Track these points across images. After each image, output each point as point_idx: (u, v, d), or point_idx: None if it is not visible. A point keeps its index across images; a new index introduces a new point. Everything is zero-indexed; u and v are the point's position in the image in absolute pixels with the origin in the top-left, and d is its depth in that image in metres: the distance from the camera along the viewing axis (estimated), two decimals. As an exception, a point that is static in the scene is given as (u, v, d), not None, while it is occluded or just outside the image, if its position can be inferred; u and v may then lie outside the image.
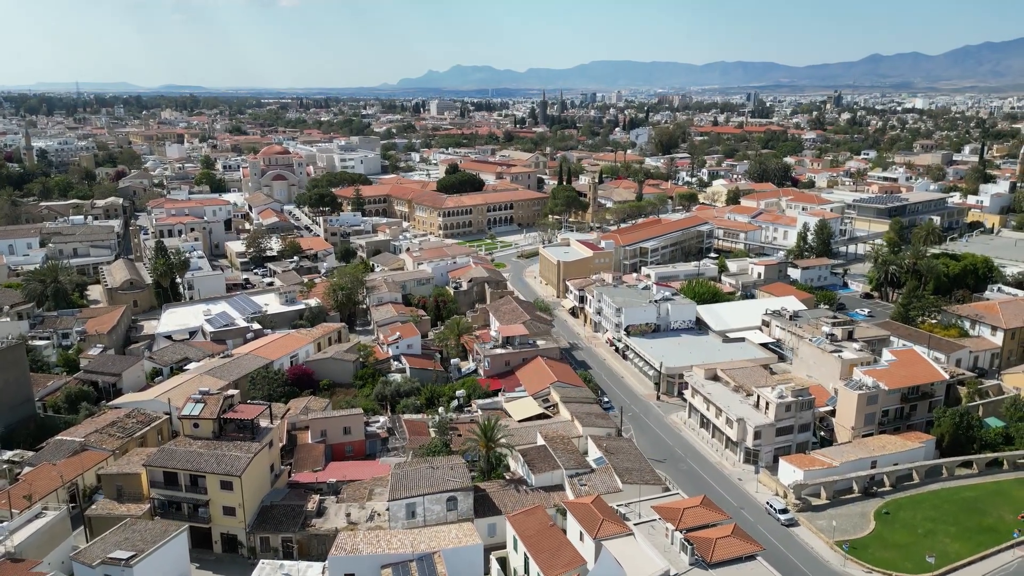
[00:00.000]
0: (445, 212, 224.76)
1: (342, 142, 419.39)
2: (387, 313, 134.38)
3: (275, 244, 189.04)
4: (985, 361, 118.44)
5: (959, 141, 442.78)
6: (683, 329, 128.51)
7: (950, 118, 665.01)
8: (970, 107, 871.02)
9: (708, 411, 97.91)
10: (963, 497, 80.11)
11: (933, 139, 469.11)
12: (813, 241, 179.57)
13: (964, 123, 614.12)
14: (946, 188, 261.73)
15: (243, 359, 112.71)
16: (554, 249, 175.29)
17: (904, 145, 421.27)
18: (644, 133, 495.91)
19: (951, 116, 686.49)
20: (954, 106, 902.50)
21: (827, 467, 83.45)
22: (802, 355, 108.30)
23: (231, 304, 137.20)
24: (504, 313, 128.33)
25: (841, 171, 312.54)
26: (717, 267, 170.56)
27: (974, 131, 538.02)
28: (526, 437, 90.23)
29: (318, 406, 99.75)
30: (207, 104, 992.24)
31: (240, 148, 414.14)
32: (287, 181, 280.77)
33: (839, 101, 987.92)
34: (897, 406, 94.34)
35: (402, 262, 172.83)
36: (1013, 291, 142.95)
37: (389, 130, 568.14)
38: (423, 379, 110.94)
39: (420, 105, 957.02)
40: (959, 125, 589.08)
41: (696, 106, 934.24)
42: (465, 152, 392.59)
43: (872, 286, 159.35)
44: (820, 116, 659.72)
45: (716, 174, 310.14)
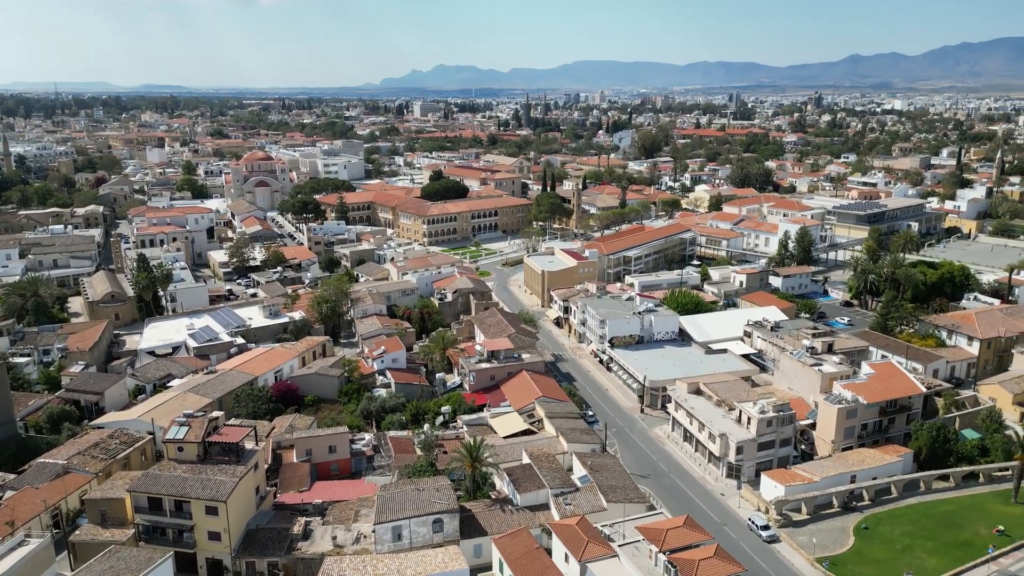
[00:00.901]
0: (430, 220, 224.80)
1: (325, 146, 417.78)
2: (372, 326, 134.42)
3: (258, 254, 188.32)
4: (962, 371, 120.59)
5: (937, 144, 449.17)
6: (666, 340, 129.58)
7: (928, 120, 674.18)
8: (948, 108, 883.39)
9: (691, 425, 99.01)
10: (940, 511, 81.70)
11: (912, 142, 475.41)
12: (794, 249, 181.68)
13: (942, 125, 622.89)
14: (924, 193, 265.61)
15: (227, 375, 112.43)
16: (539, 258, 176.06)
17: (883, 149, 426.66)
18: (627, 136, 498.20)
19: (929, 118, 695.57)
20: (932, 107, 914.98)
21: (808, 482, 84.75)
22: (783, 368, 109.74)
23: (214, 318, 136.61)
24: (489, 326, 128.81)
25: (822, 175, 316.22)
26: (700, 276, 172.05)
27: (952, 133, 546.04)
28: (511, 454, 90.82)
29: (303, 424, 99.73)
30: (188, 105, 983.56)
31: (222, 152, 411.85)
32: (270, 188, 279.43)
33: (820, 102, 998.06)
34: (876, 419, 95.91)
35: (387, 272, 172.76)
36: (989, 300, 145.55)
37: (372, 132, 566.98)
38: (408, 394, 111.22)
39: (403, 106, 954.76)
40: (937, 127, 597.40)
41: (679, 107, 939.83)
42: (449, 157, 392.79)
43: (852, 294, 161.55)
44: (801, 118, 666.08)
45: (699, 179, 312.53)
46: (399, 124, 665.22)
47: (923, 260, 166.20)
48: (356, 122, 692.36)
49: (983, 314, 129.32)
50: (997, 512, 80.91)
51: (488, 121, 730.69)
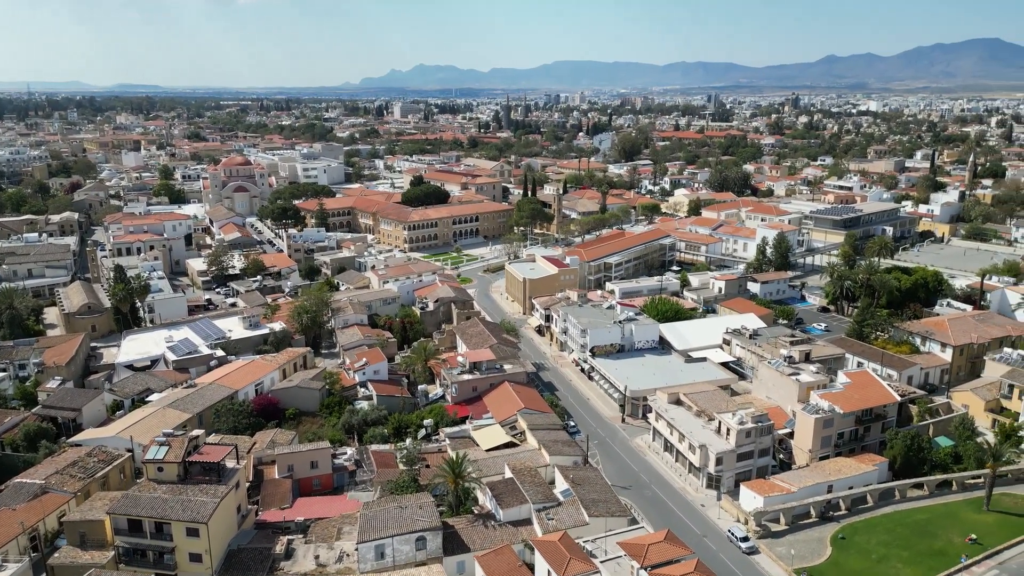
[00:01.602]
0: (410, 226, 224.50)
1: (304, 149, 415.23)
2: (353, 336, 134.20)
3: (237, 262, 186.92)
4: (935, 377, 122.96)
5: (911, 146, 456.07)
6: (647, 349, 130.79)
7: (903, 121, 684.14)
8: (922, 109, 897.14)
9: (672, 436, 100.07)
10: (915, 520, 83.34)
11: (887, 144, 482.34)
12: (772, 254, 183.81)
13: (916, 126, 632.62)
14: (898, 197, 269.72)
15: (207, 389, 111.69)
16: (520, 266, 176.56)
17: (859, 151, 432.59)
18: (607, 138, 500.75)
19: (903, 119, 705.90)
20: (907, 108, 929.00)
21: (786, 493, 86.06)
22: (761, 377, 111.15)
23: (193, 329, 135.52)
24: (471, 336, 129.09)
25: (799, 179, 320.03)
26: (679, 282, 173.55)
27: (926, 135, 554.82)
28: (494, 468, 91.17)
29: (284, 439, 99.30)
30: (164, 106, 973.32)
31: (200, 156, 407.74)
32: (249, 193, 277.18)
33: (797, 103, 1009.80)
34: (852, 428, 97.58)
35: (367, 280, 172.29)
36: (961, 306, 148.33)
37: (352, 135, 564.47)
38: (390, 406, 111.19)
39: (383, 108, 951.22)
40: (911, 129, 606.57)
41: (658, 108, 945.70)
42: (430, 160, 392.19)
43: (828, 300, 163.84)
44: (779, 120, 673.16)
45: (678, 182, 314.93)
46: (379, 126, 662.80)
47: (897, 266, 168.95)
48: (335, 124, 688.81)
49: (956, 320, 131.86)
50: (970, 520, 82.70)
51: (468, 123, 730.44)
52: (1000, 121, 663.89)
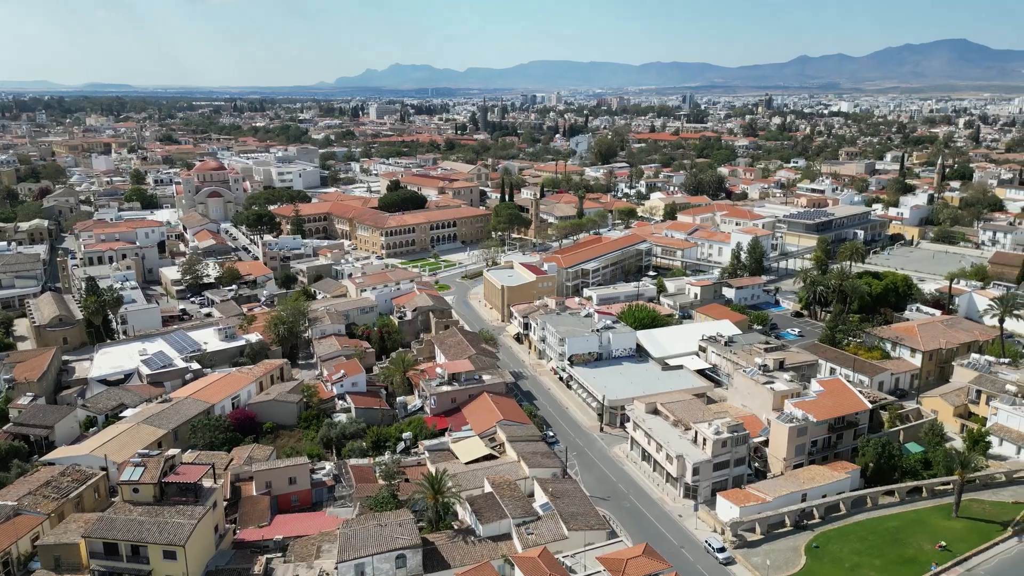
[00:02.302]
0: (388, 232, 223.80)
1: (279, 153, 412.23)
2: (331, 347, 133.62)
3: (212, 270, 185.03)
4: (905, 383, 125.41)
5: (881, 148, 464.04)
6: (624, 357, 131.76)
7: (873, 123, 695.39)
8: (892, 110, 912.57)
9: (649, 445, 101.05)
10: (886, 527, 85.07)
11: (857, 146, 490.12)
12: (746, 260, 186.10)
13: (886, 127, 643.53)
14: (869, 200, 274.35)
15: (182, 404, 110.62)
16: (498, 272, 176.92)
17: (830, 154, 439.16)
18: (584, 141, 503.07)
19: (874, 121, 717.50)
20: (877, 109, 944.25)
21: (761, 502, 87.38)
22: (737, 385, 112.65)
23: (168, 341, 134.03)
24: (449, 346, 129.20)
25: (772, 182, 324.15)
26: (656, 288, 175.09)
27: (895, 136, 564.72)
28: (473, 481, 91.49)
29: (262, 455, 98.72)
30: (135, 107, 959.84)
31: (172, 159, 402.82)
32: (223, 198, 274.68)
33: (770, 104, 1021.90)
34: (825, 436, 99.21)
35: (344, 288, 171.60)
36: (930, 311, 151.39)
37: (327, 137, 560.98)
38: (369, 419, 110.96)
39: (359, 108, 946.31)
40: (882, 130, 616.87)
41: (634, 109, 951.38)
42: (406, 163, 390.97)
43: (802, 305, 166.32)
44: (753, 122, 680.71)
45: (654, 186, 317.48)
46: (355, 127, 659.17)
47: (868, 271, 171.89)
48: (311, 125, 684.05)
49: (925, 326, 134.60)
50: (939, 527, 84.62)
51: (445, 124, 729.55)
52: (968, 122, 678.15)
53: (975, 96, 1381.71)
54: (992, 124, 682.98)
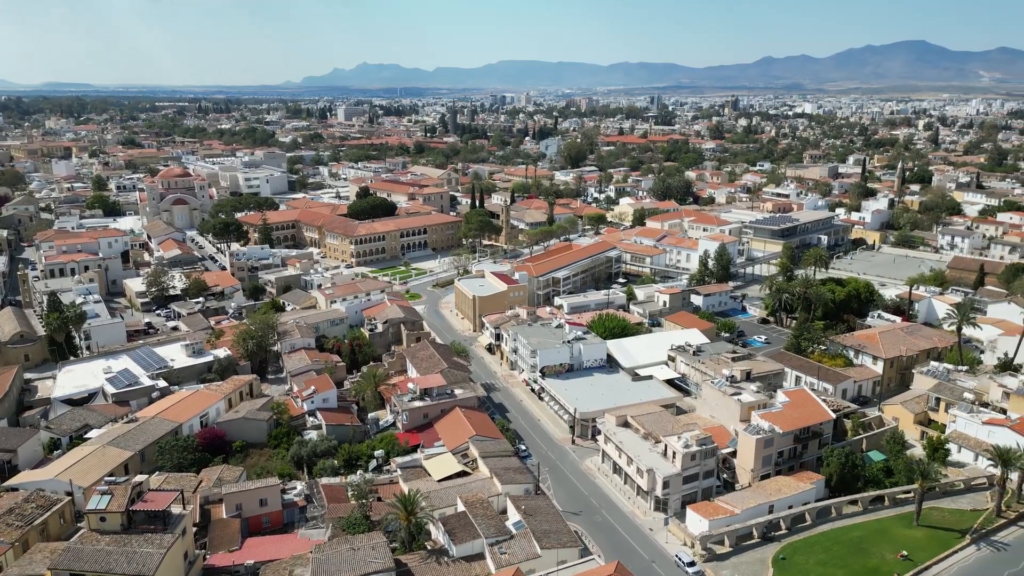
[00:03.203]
0: (357, 240, 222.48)
1: (246, 157, 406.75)
2: (300, 361, 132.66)
3: (178, 282, 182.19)
4: (868, 389, 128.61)
5: (844, 151, 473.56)
6: (595, 368, 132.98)
7: (836, 125, 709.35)
8: (854, 112, 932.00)
9: (620, 459, 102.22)
10: (850, 537, 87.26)
11: (821, 148, 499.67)
12: (714, 266, 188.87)
13: (848, 130, 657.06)
14: (832, 204, 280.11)
15: (149, 423, 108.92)
16: (469, 282, 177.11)
17: (795, 157, 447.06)
18: (554, 144, 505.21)
19: (837, 123, 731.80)
20: (839, 110, 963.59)
21: (730, 515, 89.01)
22: (705, 396, 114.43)
23: (133, 358, 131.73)
24: (421, 360, 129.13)
25: (739, 186, 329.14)
26: (625, 295, 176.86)
27: (857, 138, 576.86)
28: (446, 499, 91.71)
29: (232, 476, 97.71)
30: (95, 107, 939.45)
31: (135, 164, 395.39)
32: (188, 205, 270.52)
33: (736, 105, 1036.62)
34: (791, 446, 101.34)
35: (314, 300, 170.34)
36: (891, 317, 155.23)
37: (295, 140, 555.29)
38: (340, 435, 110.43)
39: (327, 110, 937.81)
40: (844, 132, 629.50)
41: (603, 111, 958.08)
42: (375, 168, 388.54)
43: (768, 312, 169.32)
44: (719, 124, 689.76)
45: (623, 190, 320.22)
46: (323, 130, 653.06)
47: (832, 277, 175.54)
48: (277, 127, 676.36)
49: (886, 333, 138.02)
50: (901, 536, 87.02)
51: (415, 126, 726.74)
52: (927, 124, 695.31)
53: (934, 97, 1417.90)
54: (951, 126, 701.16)
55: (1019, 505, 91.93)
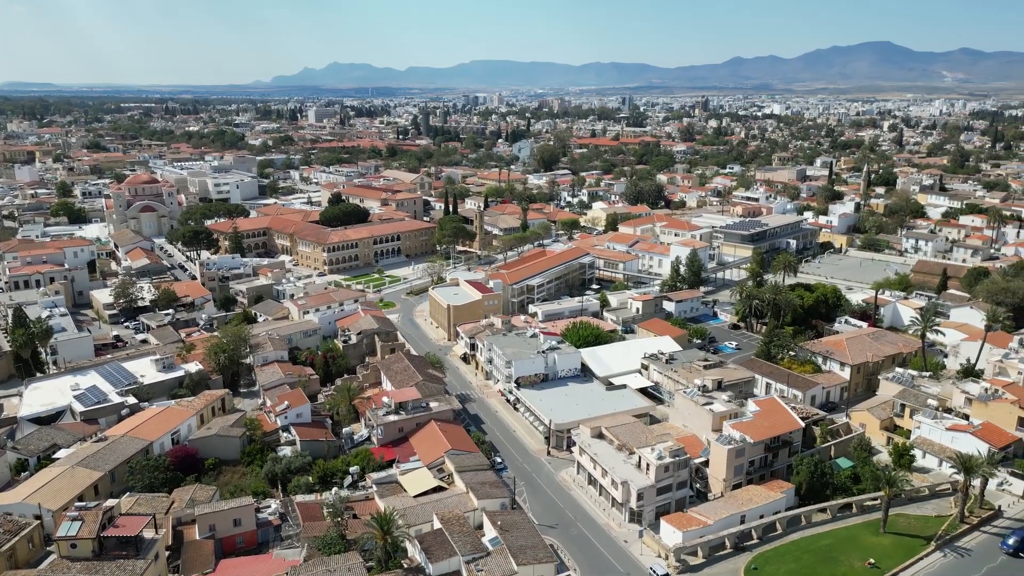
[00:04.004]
0: (330, 247, 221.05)
1: (215, 161, 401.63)
2: (273, 375, 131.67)
3: (147, 293, 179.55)
4: (836, 395, 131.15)
5: (812, 153, 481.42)
6: (570, 377, 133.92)
7: (804, 126, 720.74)
8: (821, 112, 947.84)
9: (595, 470, 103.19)
10: (820, 546, 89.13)
11: (789, 150, 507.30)
12: (685, 272, 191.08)
13: (816, 131, 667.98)
14: (801, 208, 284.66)
15: (119, 442, 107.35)
16: (443, 291, 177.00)
17: (764, 159, 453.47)
18: (527, 146, 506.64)
19: (804, 124, 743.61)
20: (807, 111, 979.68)
21: (703, 526, 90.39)
22: (678, 406, 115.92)
23: (101, 374, 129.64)
24: (396, 372, 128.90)
25: (709, 189, 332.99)
26: (599, 302, 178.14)
27: (824, 140, 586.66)
28: (422, 516, 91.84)
29: (204, 496, 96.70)
30: (59, 108, 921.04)
31: (101, 169, 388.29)
32: (156, 213, 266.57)
33: (707, 106, 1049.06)
34: (762, 455, 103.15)
35: (286, 310, 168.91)
36: (857, 323, 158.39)
37: (265, 142, 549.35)
38: (315, 451, 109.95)
39: (297, 111, 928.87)
40: (812, 134, 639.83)
41: (575, 112, 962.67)
42: (347, 172, 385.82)
43: (739, 317, 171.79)
44: (690, 126, 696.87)
45: (596, 194, 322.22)
46: (293, 132, 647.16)
47: (801, 283, 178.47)
48: (247, 130, 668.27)
49: (853, 340, 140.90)
50: (869, 543, 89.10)
51: (387, 128, 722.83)
52: (892, 125, 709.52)
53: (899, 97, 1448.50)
54: (914, 127, 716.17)
55: (981, 511, 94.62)
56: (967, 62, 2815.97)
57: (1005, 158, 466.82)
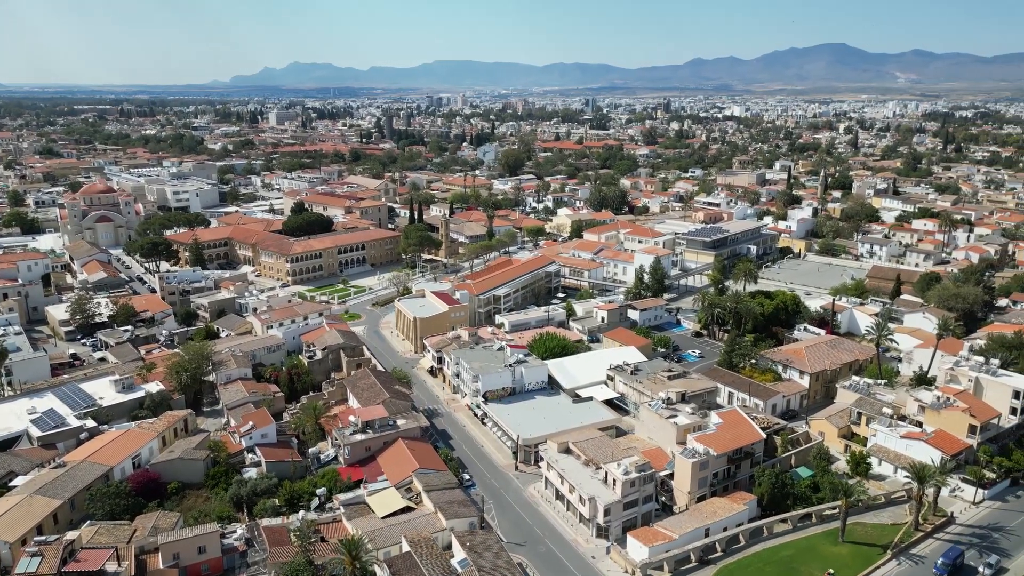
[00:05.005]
0: (293, 258, 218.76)
1: (173, 168, 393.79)
2: (237, 393, 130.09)
3: (105, 308, 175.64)
4: (796, 403, 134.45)
5: (771, 156, 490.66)
6: (537, 390, 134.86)
7: (763, 128, 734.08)
8: (779, 114, 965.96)
9: (562, 486, 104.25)
10: (781, 557, 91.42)
11: (749, 153, 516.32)
12: (649, 280, 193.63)
13: (775, 133, 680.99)
14: (760, 213, 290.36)
15: (78, 468, 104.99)
16: (409, 302, 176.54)
17: (725, 163, 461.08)
18: (491, 150, 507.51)
19: (764, 127, 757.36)
20: (766, 112, 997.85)
21: (669, 540, 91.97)
22: (643, 419, 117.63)
23: (59, 396, 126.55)
24: (362, 389, 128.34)
25: (672, 195, 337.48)
26: (565, 311, 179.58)
27: (783, 143, 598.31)
28: (390, 537, 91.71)
29: (168, 523, 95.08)
30: (9, 111, 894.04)
31: (54, 176, 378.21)
32: (113, 223, 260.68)
33: (668, 107, 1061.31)
34: (725, 467, 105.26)
35: (250, 325, 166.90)
36: (815, 330, 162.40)
37: (225, 147, 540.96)
38: (281, 472, 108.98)
39: (258, 113, 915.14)
40: (771, 136, 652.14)
41: (539, 114, 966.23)
42: (310, 179, 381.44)
43: (701, 325, 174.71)
44: (653, 128, 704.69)
45: (560, 200, 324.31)
46: (254, 136, 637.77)
47: (761, 290, 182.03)
48: (206, 133, 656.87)
49: (812, 348, 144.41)
50: (828, 553, 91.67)
51: (350, 131, 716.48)
52: (847, 127, 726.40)
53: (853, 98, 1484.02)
54: (869, 129, 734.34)
55: (935, 518, 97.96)
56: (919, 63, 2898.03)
57: (956, 160, 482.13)
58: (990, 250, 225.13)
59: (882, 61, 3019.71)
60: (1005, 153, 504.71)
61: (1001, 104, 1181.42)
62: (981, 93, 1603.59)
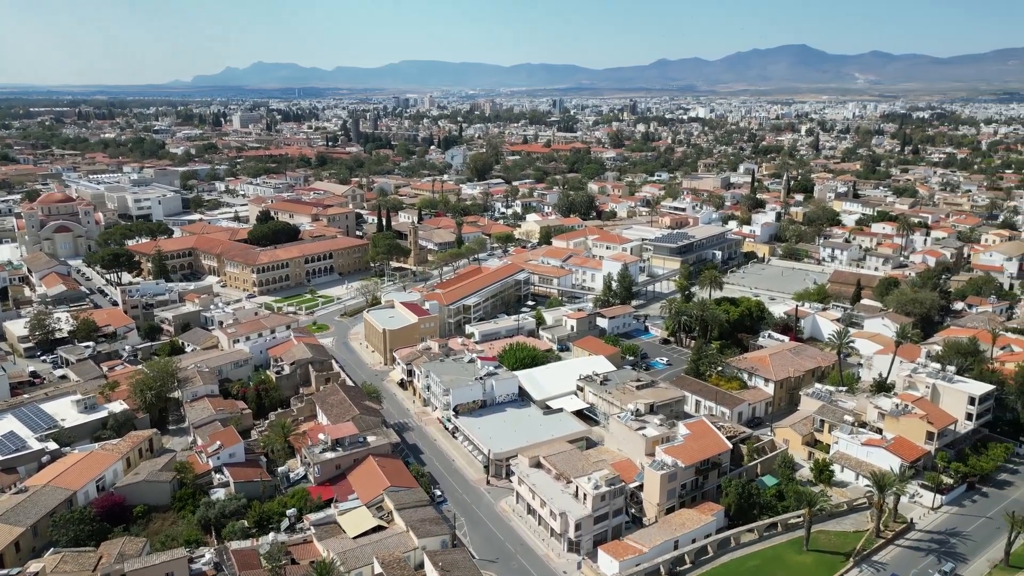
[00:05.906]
0: (259, 268, 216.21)
1: (134, 174, 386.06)
2: (204, 411, 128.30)
3: (65, 323, 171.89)
4: (761, 411, 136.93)
5: (735, 159, 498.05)
6: (507, 402, 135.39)
7: (727, 130, 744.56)
8: (743, 116, 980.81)
9: (534, 500, 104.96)
10: (747, 567, 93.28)
11: (714, 156, 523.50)
12: (617, 288, 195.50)
13: (739, 135, 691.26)
14: (725, 217, 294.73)
15: (40, 493, 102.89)
16: (378, 314, 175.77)
17: (690, 166, 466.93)
18: (459, 153, 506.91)
19: (728, 128, 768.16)
20: (730, 114, 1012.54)
21: (639, 554, 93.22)
22: (612, 431, 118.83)
23: (19, 418, 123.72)
24: (332, 405, 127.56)
25: (639, 199, 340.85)
26: (535, 320, 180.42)
27: (747, 145, 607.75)
28: (362, 558, 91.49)
29: (134, 548, 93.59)
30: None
31: (10, 183, 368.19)
32: (72, 233, 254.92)
33: (635, 109, 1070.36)
34: (693, 478, 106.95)
35: (216, 339, 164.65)
36: (780, 336, 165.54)
37: (188, 151, 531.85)
38: (249, 493, 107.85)
39: (221, 115, 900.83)
40: (735, 138, 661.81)
41: (507, 115, 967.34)
42: (276, 185, 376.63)
43: (668, 332, 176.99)
44: (619, 131, 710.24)
45: (529, 205, 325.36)
46: (217, 139, 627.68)
47: (727, 297, 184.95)
48: (168, 136, 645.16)
49: (776, 355, 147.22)
50: (793, 563, 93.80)
51: (315, 134, 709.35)
52: (809, 129, 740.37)
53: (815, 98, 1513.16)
54: (830, 131, 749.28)
55: (895, 524, 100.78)
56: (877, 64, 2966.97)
57: (913, 163, 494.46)
58: (946, 253, 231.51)
59: (842, 62, 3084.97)
60: (960, 155, 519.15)
61: (957, 104, 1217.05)
62: (937, 93, 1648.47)
